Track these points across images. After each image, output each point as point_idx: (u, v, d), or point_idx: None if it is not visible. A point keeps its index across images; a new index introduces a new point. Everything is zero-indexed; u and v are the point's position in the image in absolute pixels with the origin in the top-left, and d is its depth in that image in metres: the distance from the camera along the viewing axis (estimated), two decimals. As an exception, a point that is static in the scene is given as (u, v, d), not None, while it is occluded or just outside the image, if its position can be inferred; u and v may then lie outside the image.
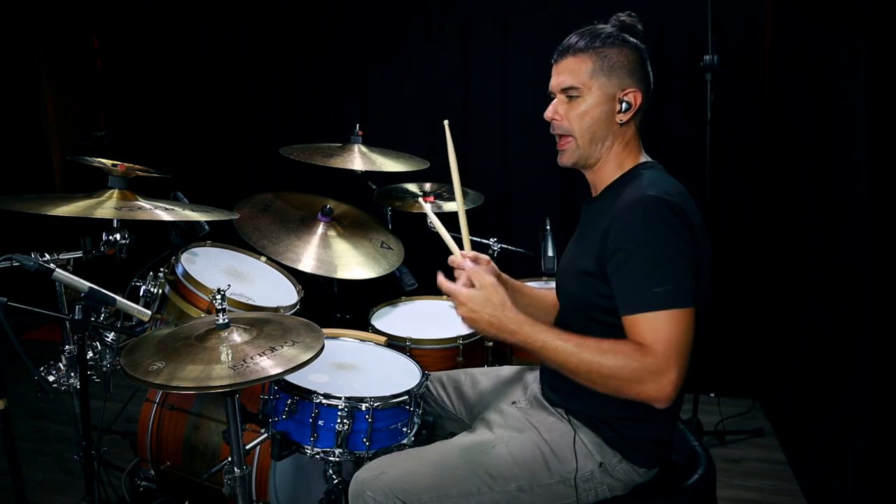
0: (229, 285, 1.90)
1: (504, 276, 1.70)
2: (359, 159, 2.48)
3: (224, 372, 1.38)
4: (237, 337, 1.52)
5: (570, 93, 1.49)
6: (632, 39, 1.51)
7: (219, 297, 1.56)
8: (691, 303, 1.30)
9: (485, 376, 1.83)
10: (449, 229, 2.84)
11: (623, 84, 1.48)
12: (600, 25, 1.53)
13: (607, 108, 1.48)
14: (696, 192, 2.94)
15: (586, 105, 1.48)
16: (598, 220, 1.46)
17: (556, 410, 1.54)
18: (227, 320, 1.55)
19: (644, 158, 1.54)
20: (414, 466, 1.46)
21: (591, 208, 1.57)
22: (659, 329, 1.28)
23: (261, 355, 1.44)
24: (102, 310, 1.74)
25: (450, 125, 1.64)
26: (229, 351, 1.46)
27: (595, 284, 1.42)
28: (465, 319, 1.43)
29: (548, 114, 1.54)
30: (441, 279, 1.50)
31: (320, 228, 2.45)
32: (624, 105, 1.48)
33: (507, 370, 1.85)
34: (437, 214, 2.69)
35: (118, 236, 1.86)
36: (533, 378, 1.73)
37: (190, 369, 1.39)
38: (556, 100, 1.53)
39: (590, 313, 1.46)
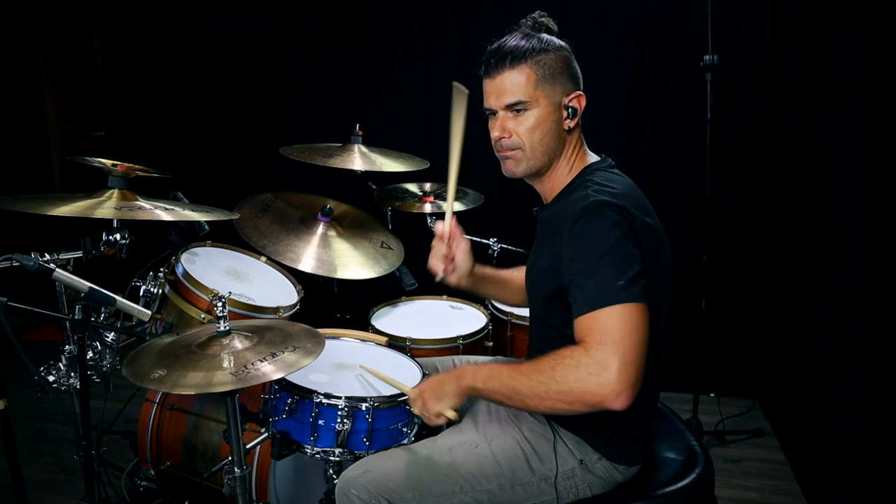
0: (230, 292, 1.91)
1: (477, 266, 1.74)
2: (359, 159, 2.48)
3: (226, 378, 1.39)
4: (238, 344, 1.53)
5: (517, 107, 1.44)
6: (559, 41, 1.47)
7: (220, 304, 1.56)
8: (641, 298, 1.25)
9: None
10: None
11: (566, 89, 1.45)
12: (519, 33, 1.47)
13: (556, 117, 1.45)
14: (696, 192, 2.98)
15: (536, 118, 1.44)
16: (553, 234, 1.44)
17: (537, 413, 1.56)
18: (228, 327, 1.55)
19: (591, 159, 1.52)
20: (398, 464, 1.47)
21: (545, 217, 1.55)
22: (594, 325, 1.23)
23: (262, 361, 1.45)
24: (102, 310, 1.74)
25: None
26: (231, 358, 1.46)
27: (561, 306, 1.41)
28: (431, 409, 1.47)
29: (495, 133, 1.48)
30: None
31: (320, 228, 2.45)
32: (570, 111, 1.45)
33: (500, 360, 1.88)
34: (436, 214, 2.70)
35: (118, 236, 1.86)
36: None
37: (192, 376, 1.40)
38: (499, 116, 1.47)
39: (562, 330, 1.46)
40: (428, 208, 2.70)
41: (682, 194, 3.20)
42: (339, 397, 1.57)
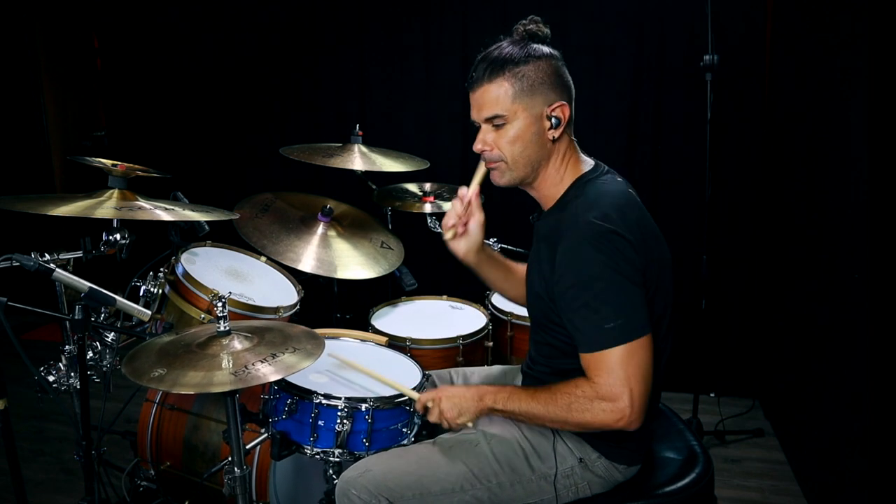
0: (230, 292, 1.91)
1: (486, 247, 1.72)
2: (359, 159, 2.48)
3: (225, 378, 1.39)
4: (238, 344, 1.53)
5: (496, 121, 1.44)
6: (544, 49, 1.45)
7: (219, 304, 1.56)
8: (644, 331, 1.32)
9: (475, 374, 1.85)
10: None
11: (548, 100, 1.43)
12: (507, 41, 1.47)
13: (537, 129, 1.44)
14: (696, 192, 2.98)
15: (515, 130, 1.43)
16: (548, 246, 1.45)
17: None
18: (228, 328, 1.55)
19: (585, 167, 1.51)
20: (398, 464, 1.48)
21: (540, 225, 1.56)
22: (608, 363, 1.32)
23: (262, 362, 1.45)
24: (102, 310, 1.74)
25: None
26: (230, 358, 1.46)
27: (548, 309, 1.46)
28: (451, 419, 1.47)
29: (477, 146, 1.49)
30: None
31: (320, 228, 2.45)
32: (553, 121, 1.44)
33: (496, 369, 1.88)
34: (437, 214, 2.70)
35: (118, 236, 1.86)
36: (519, 380, 1.74)
37: (191, 375, 1.40)
38: (481, 129, 1.48)
39: (551, 333, 1.49)
40: (428, 208, 2.69)
41: (682, 194, 3.20)
42: (339, 398, 1.57)
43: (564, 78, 1.47)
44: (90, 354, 1.79)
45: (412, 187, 2.89)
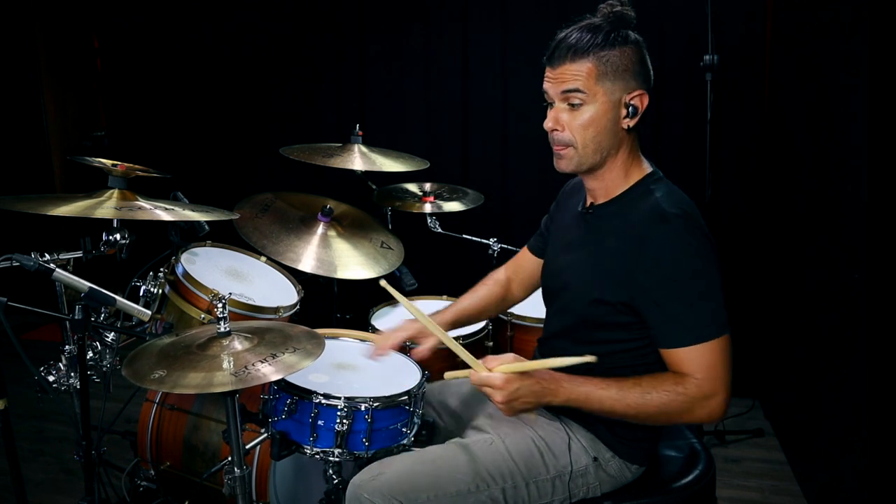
0: (230, 293, 1.91)
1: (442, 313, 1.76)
2: (359, 159, 2.48)
3: (225, 378, 1.39)
4: (238, 345, 1.53)
5: (573, 100, 1.38)
6: (632, 35, 1.41)
7: (220, 305, 1.56)
8: (728, 328, 1.33)
9: (466, 383, 1.80)
10: (448, 228, 2.84)
11: (628, 87, 1.39)
12: (595, 20, 1.42)
13: (613, 115, 1.39)
14: (696, 192, 2.97)
15: (592, 113, 1.38)
16: (609, 239, 1.42)
17: (546, 411, 1.55)
18: (228, 329, 1.55)
19: (648, 168, 1.49)
20: (411, 466, 1.46)
21: (594, 217, 1.50)
22: (702, 359, 1.31)
23: (262, 362, 1.45)
24: (102, 310, 1.74)
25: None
26: (231, 359, 1.46)
27: (611, 313, 1.41)
28: (513, 413, 1.37)
29: (548, 124, 1.42)
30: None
31: (320, 228, 2.45)
32: (630, 110, 1.40)
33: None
34: (436, 214, 2.70)
35: (118, 236, 1.86)
36: None
37: (192, 377, 1.40)
38: (555, 107, 1.41)
39: (595, 334, 1.46)
40: (428, 208, 2.70)
41: (682, 194, 3.20)
42: (339, 398, 1.57)
43: (647, 66, 1.42)
44: (90, 354, 1.79)
45: (412, 187, 2.89)
